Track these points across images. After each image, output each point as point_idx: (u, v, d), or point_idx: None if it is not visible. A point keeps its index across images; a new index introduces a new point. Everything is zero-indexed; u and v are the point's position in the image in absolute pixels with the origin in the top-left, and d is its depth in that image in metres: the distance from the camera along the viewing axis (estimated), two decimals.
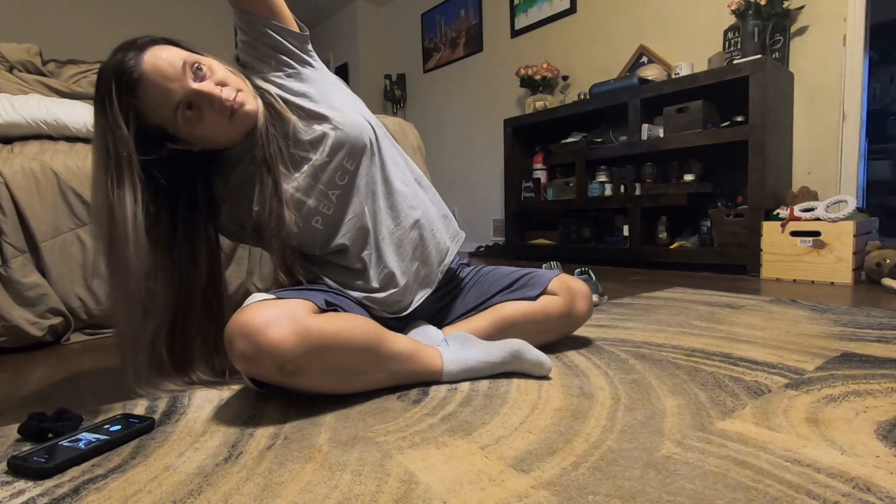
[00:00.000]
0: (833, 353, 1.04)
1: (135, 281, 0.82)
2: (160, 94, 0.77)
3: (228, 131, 0.84)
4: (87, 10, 3.74)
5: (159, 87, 0.77)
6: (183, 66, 0.78)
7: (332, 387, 0.83)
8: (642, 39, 2.94)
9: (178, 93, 0.78)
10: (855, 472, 0.57)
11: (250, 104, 0.84)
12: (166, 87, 0.77)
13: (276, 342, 0.72)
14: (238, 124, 0.84)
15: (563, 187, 3.06)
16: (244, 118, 0.84)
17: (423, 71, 4.58)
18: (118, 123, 0.76)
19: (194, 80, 0.79)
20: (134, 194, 0.79)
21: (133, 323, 0.85)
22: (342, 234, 0.95)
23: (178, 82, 0.78)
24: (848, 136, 2.25)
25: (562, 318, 1.07)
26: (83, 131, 1.74)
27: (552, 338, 1.10)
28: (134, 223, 0.79)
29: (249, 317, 0.73)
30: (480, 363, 0.92)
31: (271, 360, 0.73)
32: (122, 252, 0.80)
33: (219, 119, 0.82)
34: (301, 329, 0.74)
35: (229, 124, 0.83)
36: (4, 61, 1.94)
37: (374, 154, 0.97)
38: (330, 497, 0.56)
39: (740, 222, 2.29)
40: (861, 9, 2.19)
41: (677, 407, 0.78)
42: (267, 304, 0.76)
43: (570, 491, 0.55)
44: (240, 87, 0.84)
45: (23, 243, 1.39)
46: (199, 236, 0.94)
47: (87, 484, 0.60)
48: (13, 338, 1.34)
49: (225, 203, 0.96)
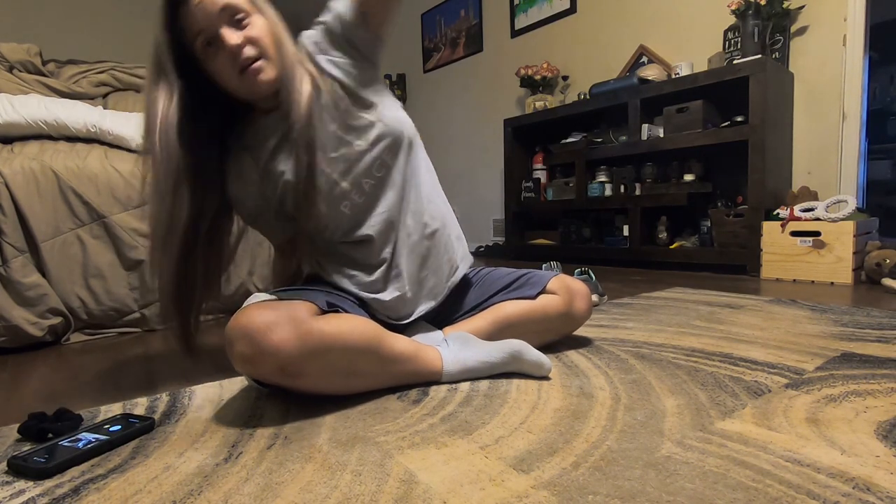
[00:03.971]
0: (833, 353, 1.04)
1: (163, 170, 0.85)
2: (192, 19, 0.83)
3: (239, 85, 0.86)
4: (87, 10, 3.74)
5: (194, 13, 0.82)
6: (224, 8, 0.82)
7: (332, 388, 0.83)
8: (642, 39, 2.94)
9: (203, 25, 0.83)
10: (855, 472, 0.57)
11: (268, 73, 0.86)
12: (199, 16, 0.82)
13: (277, 344, 0.72)
14: (249, 83, 0.86)
15: (563, 187, 3.06)
16: (256, 83, 0.85)
17: (423, 71, 4.58)
18: (162, 30, 0.84)
19: (228, 25, 0.83)
20: (169, 93, 0.84)
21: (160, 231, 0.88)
22: (370, 225, 0.96)
23: (210, 19, 0.82)
24: (848, 136, 2.25)
25: (561, 318, 1.07)
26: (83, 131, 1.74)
27: (551, 338, 1.10)
28: (165, 115, 0.84)
29: (250, 318, 0.73)
30: (480, 363, 0.92)
31: (272, 363, 0.73)
32: (152, 140, 0.84)
33: (229, 69, 0.85)
34: (302, 332, 0.74)
35: (239, 79, 0.85)
36: (4, 61, 1.94)
37: (410, 153, 1.00)
38: (330, 497, 0.56)
39: (740, 222, 2.29)
40: (861, 9, 2.19)
41: (677, 407, 0.78)
42: (268, 306, 0.75)
43: (570, 491, 0.55)
44: (269, 54, 0.86)
45: (23, 243, 1.39)
46: (215, 168, 0.95)
47: (87, 484, 0.60)
48: (13, 338, 1.34)
49: (255, 183, 0.96)
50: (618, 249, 2.75)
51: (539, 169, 3.29)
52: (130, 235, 1.53)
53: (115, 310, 1.52)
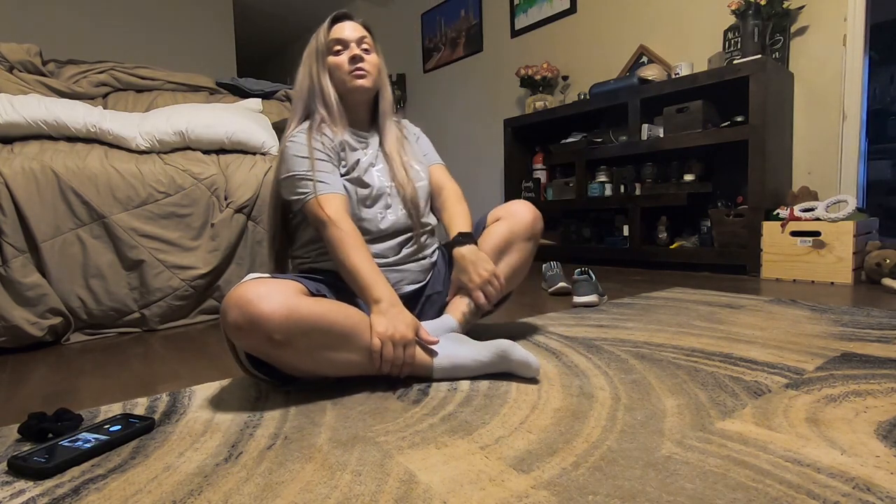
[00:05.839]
0: (833, 353, 1.04)
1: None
2: (340, 29, 1.13)
3: (346, 79, 1.12)
4: (87, 10, 3.74)
5: (344, 27, 1.14)
6: (362, 37, 1.14)
7: (319, 367, 0.87)
8: (642, 39, 2.94)
9: (343, 35, 1.12)
10: (855, 472, 0.57)
11: (368, 82, 1.12)
12: (344, 30, 1.13)
13: (266, 313, 0.78)
14: (354, 84, 1.11)
15: (563, 187, 3.06)
16: (356, 87, 1.12)
17: (424, 71, 4.58)
18: (324, 32, 1.14)
19: (357, 44, 1.13)
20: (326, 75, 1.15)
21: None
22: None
23: (350, 35, 1.13)
24: (848, 137, 2.25)
25: (520, 227, 1.17)
26: (83, 131, 1.74)
27: (529, 247, 1.19)
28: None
29: (244, 290, 0.80)
30: (471, 361, 0.95)
31: (262, 331, 0.79)
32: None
33: (345, 66, 1.11)
34: (291, 304, 0.80)
35: (348, 76, 1.11)
36: (4, 61, 1.95)
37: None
38: (330, 497, 0.56)
39: (740, 222, 2.29)
40: (861, 9, 2.19)
41: (677, 407, 0.78)
42: (261, 281, 0.82)
43: (570, 491, 0.55)
44: (373, 74, 1.14)
45: (23, 243, 1.39)
46: None
47: (87, 484, 0.60)
48: (13, 338, 1.34)
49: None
50: (618, 249, 2.75)
51: (539, 169, 3.29)
52: (130, 235, 1.53)
53: (115, 310, 1.52)
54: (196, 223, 1.66)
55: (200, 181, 1.68)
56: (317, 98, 1.13)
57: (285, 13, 5.02)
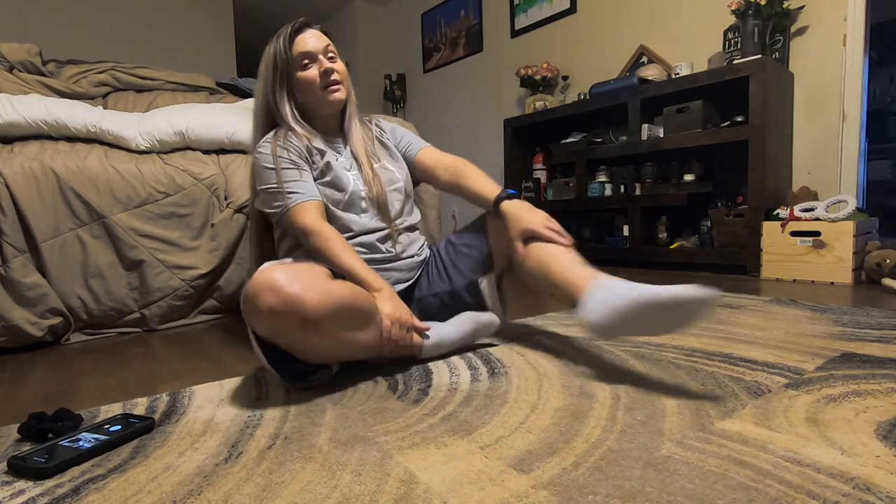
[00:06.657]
0: (833, 353, 1.04)
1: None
2: (304, 41, 1.12)
3: (319, 95, 1.13)
4: (87, 10, 3.74)
5: (307, 38, 1.12)
6: (326, 46, 1.14)
7: (336, 350, 0.88)
8: (642, 39, 2.94)
9: (308, 48, 1.11)
10: (855, 472, 0.57)
11: (342, 94, 1.14)
12: (308, 41, 1.12)
13: (302, 296, 0.79)
14: (329, 98, 1.13)
15: (563, 187, 3.06)
16: (332, 101, 1.13)
17: (424, 71, 4.58)
18: (284, 46, 1.11)
19: (324, 55, 1.13)
20: (288, 94, 1.15)
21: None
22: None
23: (315, 46, 1.12)
24: (848, 137, 2.25)
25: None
26: (83, 131, 1.74)
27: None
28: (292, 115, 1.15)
29: (272, 274, 0.80)
30: (457, 333, 1.07)
31: (297, 312, 0.79)
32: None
33: (315, 81, 1.11)
34: (324, 286, 0.82)
35: (321, 91, 1.12)
36: (4, 61, 1.94)
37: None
38: (330, 497, 0.56)
39: (740, 222, 2.29)
40: (861, 9, 2.19)
41: (677, 407, 0.78)
42: (287, 266, 0.83)
43: (570, 491, 0.55)
44: (344, 84, 1.15)
45: (23, 243, 1.39)
46: None
47: (87, 484, 0.60)
48: (13, 338, 1.34)
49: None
50: (618, 249, 2.75)
51: (539, 169, 3.29)
52: (130, 235, 1.53)
53: (115, 310, 1.52)
54: (196, 223, 1.66)
55: (200, 181, 1.68)
56: (277, 118, 1.15)
57: (285, 13, 5.02)
